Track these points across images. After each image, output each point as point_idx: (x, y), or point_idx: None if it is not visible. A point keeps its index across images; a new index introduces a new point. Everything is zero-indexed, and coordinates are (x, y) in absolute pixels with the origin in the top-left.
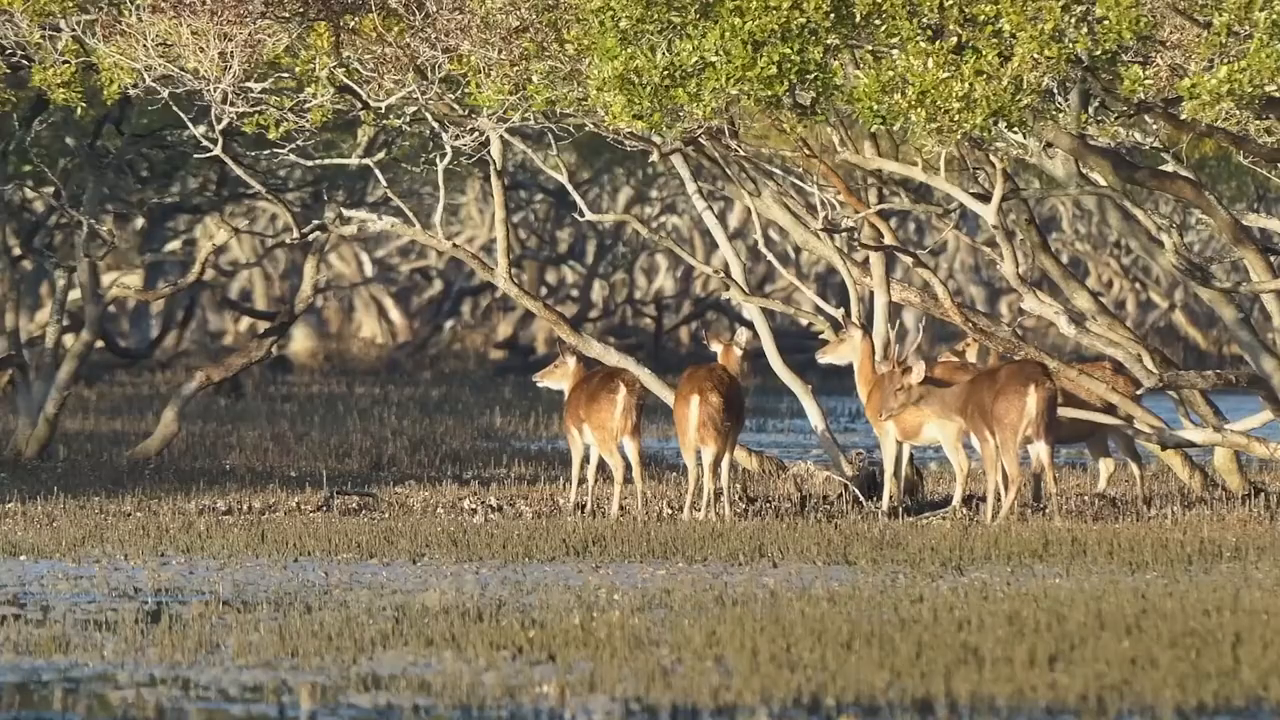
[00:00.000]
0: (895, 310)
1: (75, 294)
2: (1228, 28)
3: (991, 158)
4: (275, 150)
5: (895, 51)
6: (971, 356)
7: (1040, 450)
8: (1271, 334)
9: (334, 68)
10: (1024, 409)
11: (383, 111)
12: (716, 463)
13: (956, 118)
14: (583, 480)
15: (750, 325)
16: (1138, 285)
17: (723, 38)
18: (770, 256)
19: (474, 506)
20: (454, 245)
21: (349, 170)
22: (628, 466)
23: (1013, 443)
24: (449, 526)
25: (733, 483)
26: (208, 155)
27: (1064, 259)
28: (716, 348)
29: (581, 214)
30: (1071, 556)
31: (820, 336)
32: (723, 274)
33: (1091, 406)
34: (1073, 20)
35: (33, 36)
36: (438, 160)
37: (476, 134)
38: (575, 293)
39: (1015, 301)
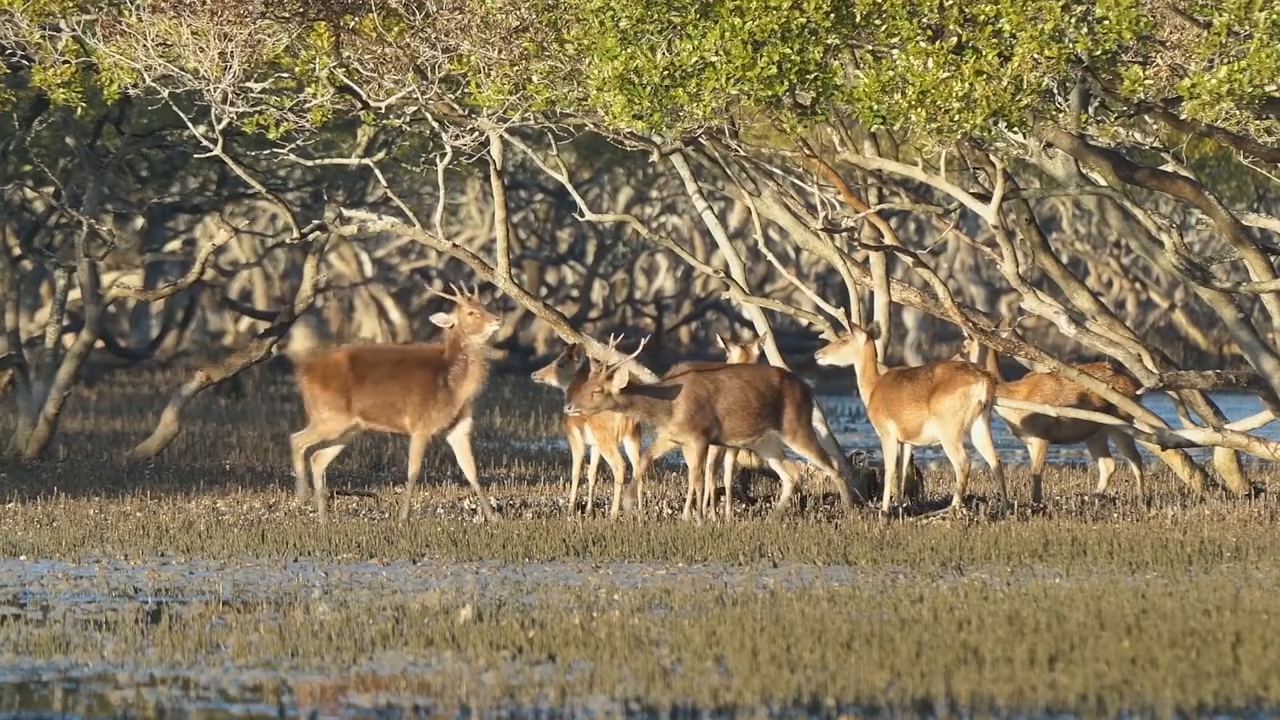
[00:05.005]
0: (895, 310)
1: (75, 294)
2: (1228, 28)
3: (991, 158)
4: (275, 150)
5: (895, 51)
6: (973, 356)
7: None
8: (1271, 334)
9: (334, 68)
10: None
11: (383, 111)
12: (718, 462)
13: (956, 118)
14: (583, 480)
15: (751, 325)
16: (1138, 285)
17: (723, 38)
18: (770, 256)
19: (474, 506)
20: (454, 245)
21: (349, 170)
22: (628, 466)
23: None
24: (449, 526)
25: (733, 482)
26: (208, 155)
27: (1064, 259)
28: (733, 350)
29: (581, 214)
30: (1071, 556)
31: (820, 336)
32: (723, 274)
33: (1092, 406)
34: (1073, 20)
35: (33, 36)
36: (438, 160)
37: (476, 134)
38: (575, 293)
39: (1015, 301)
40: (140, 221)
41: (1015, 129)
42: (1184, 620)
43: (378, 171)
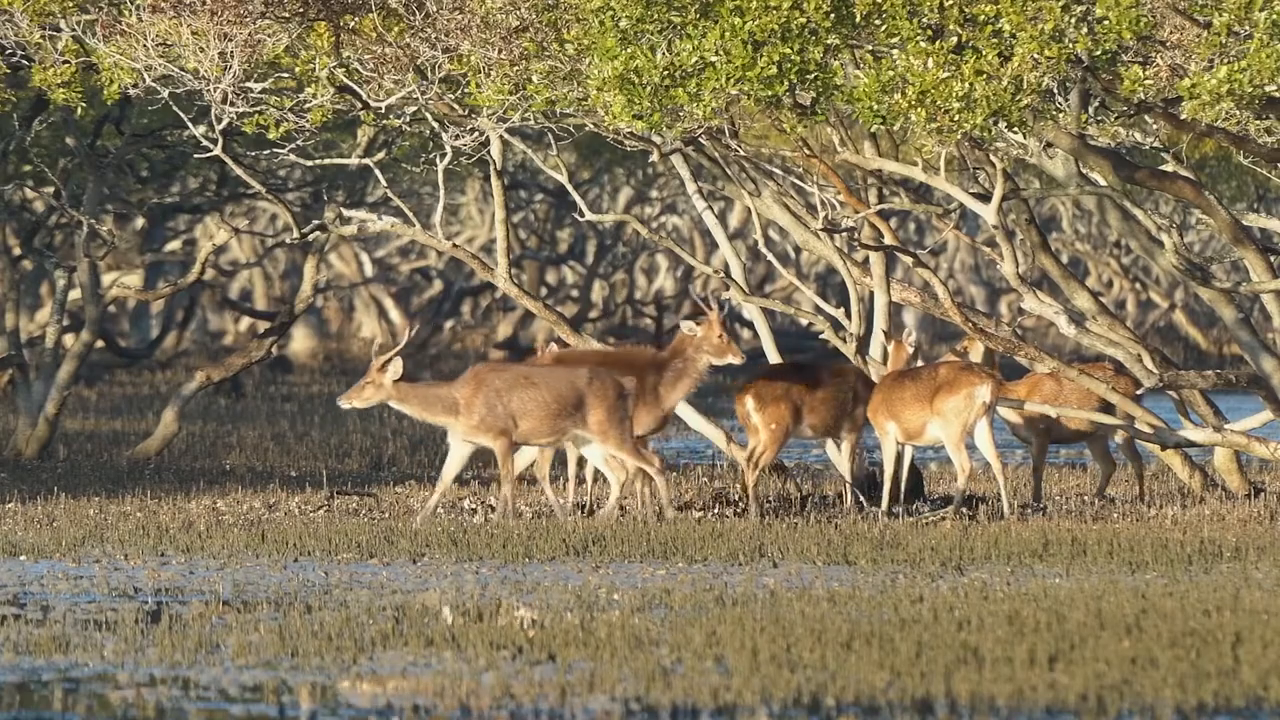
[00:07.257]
0: (895, 310)
1: (75, 294)
2: (1228, 28)
3: (991, 158)
4: (275, 150)
5: (895, 51)
6: (974, 356)
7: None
8: (1271, 334)
9: (334, 68)
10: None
11: (383, 111)
12: (752, 460)
13: (956, 118)
14: (581, 480)
15: (751, 325)
16: (1138, 285)
17: (723, 38)
18: (770, 256)
19: (474, 506)
20: (454, 245)
21: (349, 170)
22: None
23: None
24: (449, 526)
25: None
26: (208, 155)
27: (1064, 259)
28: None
29: (581, 214)
30: (1071, 556)
31: (820, 336)
32: (723, 274)
33: (1091, 407)
34: (1073, 20)
35: (33, 36)
36: (438, 160)
37: (476, 134)
38: (575, 293)
39: (1015, 301)
40: (140, 221)
41: (1015, 129)
42: (1184, 620)
43: (378, 171)
